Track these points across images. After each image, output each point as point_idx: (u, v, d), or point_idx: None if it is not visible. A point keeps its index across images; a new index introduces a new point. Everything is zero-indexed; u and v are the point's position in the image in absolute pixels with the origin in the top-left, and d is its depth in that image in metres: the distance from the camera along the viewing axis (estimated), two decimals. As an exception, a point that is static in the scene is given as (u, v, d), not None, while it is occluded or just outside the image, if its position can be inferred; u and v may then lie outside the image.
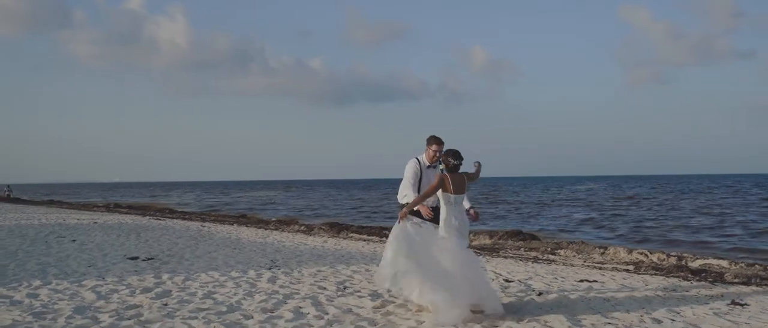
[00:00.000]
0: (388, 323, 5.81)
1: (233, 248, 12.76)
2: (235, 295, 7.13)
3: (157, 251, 11.66)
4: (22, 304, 6.35)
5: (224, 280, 8.20)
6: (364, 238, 17.04)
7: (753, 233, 20.07)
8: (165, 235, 15.41)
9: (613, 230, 21.75)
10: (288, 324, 5.68)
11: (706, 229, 21.62)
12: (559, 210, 33.44)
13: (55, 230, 15.66)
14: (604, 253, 13.00)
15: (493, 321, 5.97)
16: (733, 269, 10.76)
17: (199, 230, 17.69)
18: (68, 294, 6.94)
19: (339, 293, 7.41)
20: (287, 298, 6.99)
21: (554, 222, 25.52)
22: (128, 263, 9.83)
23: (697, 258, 12.21)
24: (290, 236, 17.13)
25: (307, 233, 18.48)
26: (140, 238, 14.31)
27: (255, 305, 6.54)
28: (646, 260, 11.92)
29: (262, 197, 57.90)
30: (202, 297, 6.94)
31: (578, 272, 10.26)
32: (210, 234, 16.38)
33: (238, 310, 6.30)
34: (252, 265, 9.85)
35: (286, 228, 20.21)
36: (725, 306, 7.06)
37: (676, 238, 18.95)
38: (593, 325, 5.87)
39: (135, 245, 12.74)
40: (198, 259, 10.53)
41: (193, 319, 5.84)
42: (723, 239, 18.49)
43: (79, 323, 5.56)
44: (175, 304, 6.52)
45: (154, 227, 18.31)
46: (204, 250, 12.09)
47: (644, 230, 21.59)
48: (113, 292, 7.13)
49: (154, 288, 7.42)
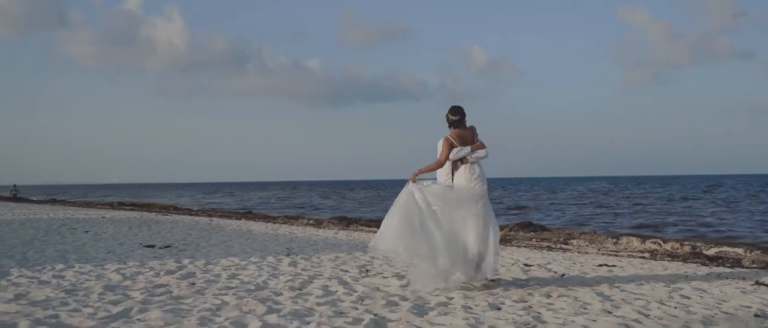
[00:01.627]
0: (419, 299, 5.80)
1: (246, 238, 12.76)
2: (260, 276, 7.12)
3: (172, 240, 11.66)
4: (50, 283, 6.34)
5: (245, 264, 8.20)
6: (374, 230, 17.02)
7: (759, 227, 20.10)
8: (176, 227, 15.41)
9: (622, 224, 21.76)
10: (319, 300, 5.68)
11: (715, 222, 21.64)
12: (566, 207, 33.45)
13: (66, 223, 15.65)
14: (618, 242, 13.01)
15: (523, 296, 5.98)
16: (749, 255, 10.78)
17: (209, 224, 17.69)
18: (94, 276, 6.93)
19: (362, 274, 7.41)
20: (312, 278, 6.99)
21: (561, 218, 25.54)
22: (145, 250, 9.82)
23: (712, 246, 12.24)
24: (300, 228, 17.13)
25: (317, 226, 18.47)
26: (152, 230, 14.31)
27: (282, 284, 6.54)
28: (660, 249, 11.93)
29: (264, 197, 57.86)
30: (227, 278, 6.94)
31: (595, 258, 10.27)
32: (220, 227, 16.37)
33: (267, 288, 6.30)
34: (269, 252, 9.84)
35: (295, 222, 20.21)
36: (750, 286, 7.07)
37: (685, 229, 18.96)
38: (623, 300, 5.88)
39: (148, 235, 12.74)
40: (214, 247, 10.53)
41: (224, 295, 5.84)
42: (734, 230, 18.51)
43: (112, 298, 5.56)
44: (201, 283, 6.52)
45: (162, 221, 18.30)
46: (218, 239, 12.09)
47: (653, 223, 21.61)
48: (137, 274, 7.13)
49: (177, 271, 7.41)
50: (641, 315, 5.17)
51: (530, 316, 5.06)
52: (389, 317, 4.96)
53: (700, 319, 5.08)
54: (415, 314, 5.09)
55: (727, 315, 5.27)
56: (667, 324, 4.85)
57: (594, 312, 5.28)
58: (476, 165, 6.46)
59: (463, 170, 6.42)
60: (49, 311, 4.95)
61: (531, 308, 5.40)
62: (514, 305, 5.55)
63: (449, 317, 5.00)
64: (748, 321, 5.03)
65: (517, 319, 4.95)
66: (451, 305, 5.47)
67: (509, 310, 5.31)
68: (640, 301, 5.84)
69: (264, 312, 5.07)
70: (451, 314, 5.12)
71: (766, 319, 5.14)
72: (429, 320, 4.91)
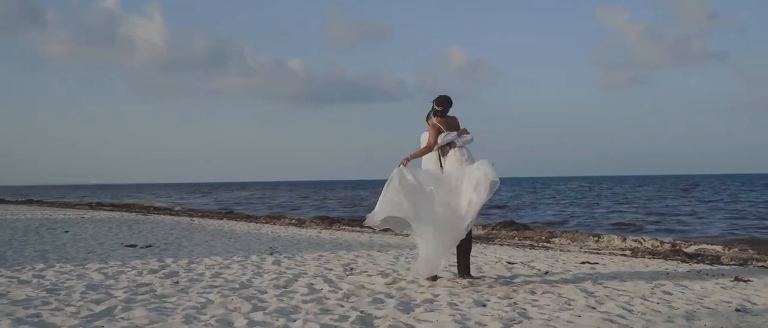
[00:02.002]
0: (404, 296, 5.81)
1: (229, 237, 12.68)
2: (244, 275, 7.08)
3: (153, 239, 11.55)
4: (30, 283, 6.25)
5: (228, 263, 8.15)
6: (357, 230, 17.03)
7: (740, 224, 20.41)
8: (157, 227, 15.28)
9: (602, 223, 21.97)
10: (305, 297, 5.66)
11: (694, 221, 21.93)
12: (547, 206, 33.69)
13: (44, 223, 15.44)
14: (599, 240, 13.13)
15: (508, 293, 6.01)
16: (728, 252, 10.94)
17: (190, 223, 17.56)
18: (75, 275, 6.84)
19: (347, 272, 7.40)
20: (297, 277, 6.96)
21: (543, 217, 25.72)
22: (127, 249, 9.72)
23: (691, 244, 12.40)
24: (283, 228, 17.06)
25: (299, 226, 18.41)
26: (133, 229, 14.17)
27: (267, 283, 6.51)
28: (641, 247, 12.06)
29: (242, 197, 57.52)
30: (211, 277, 6.89)
31: (577, 256, 10.35)
32: (201, 226, 16.26)
33: (251, 287, 6.27)
34: (252, 251, 9.79)
35: (277, 222, 20.13)
36: (729, 282, 7.17)
37: (665, 228, 19.21)
38: (607, 296, 5.94)
39: (129, 235, 12.62)
40: (197, 246, 10.46)
41: (209, 293, 5.80)
42: (712, 228, 18.79)
43: (95, 297, 5.50)
44: (185, 282, 6.46)
45: (143, 221, 18.12)
46: (200, 239, 12.01)
47: (633, 222, 21.85)
48: (120, 273, 7.05)
49: (160, 270, 7.34)
50: (625, 311, 5.22)
51: (516, 312, 5.09)
52: (375, 314, 4.96)
53: (683, 314, 5.14)
54: (401, 310, 5.10)
55: (709, 310, 5.34)
56: (650, 319, 4.90)
57: (578, 308, 5.32)
58: (464, 149, 6.57)
59: (453, 154, 6.54)
60: (31, 310, 4.88)
61: (516, 305, 5.43)
62: (499, 301, 5.58)
63: (435, 313, 5.01)
64: (729, 316, 5.10)
65: (503, 315, 4.97)
66: (436, 302, 5.49)
67: (495, 306, 5.34)
68: (624, 297, 5.90)
69: (249, 310, 5.04)
70: (437, 310, 5.13)
71: (746, 313, 5.22)
72: (415, 316, 4.92)
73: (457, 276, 6.85)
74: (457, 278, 6.80)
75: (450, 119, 6.73)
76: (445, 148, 6.57)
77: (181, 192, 78.01)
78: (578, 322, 4.77)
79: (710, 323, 4.82)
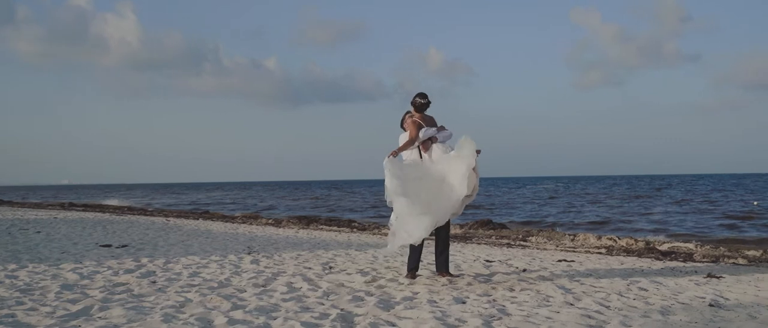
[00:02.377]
0: (384, 293, 5.82)
1: (205, 237, 12.57)
2: (222, 274, 7.03)
3: (129, 239, 11.41)
4: (3, 283, 6.13)
5: (206, 262, 8.08)
6: (334, 229, 17.00)
7: (711, 223, 20.77)
8: (132, 227, 15.08)
9: (577, 222, 22.21)
10: (284, 296, 5.64)
11: (667, 220, 22.28)
12: (522, 206, 33.96)
13: (15, 223, 15.15)
14: (575, 239, 13.27)
15: (487, 290, 6.05)
16: (700, 250, 11.13)
17: (166, 224, 17.36)
18: (49, 275, 6.72)
19: (326, 271, 7.39)
20: (276, 275, 6.93)
21: (519, 217, 25.92)
22: (102, 249, 9.59)
23: (665, 242, 12.59)
24: (260, 228, 16.97)
25: (276, 225, 18.32)
26: (107, 230, 13.97)
27: (245, 282, 6.47)
28: (616, 245, 12.22)
29: (215, 197, 57.05)
30: (189, 276, 6.83)
31: (554, 254, 10.45)
32: (177, 227, 16.09)
33: (230, 286, 6.23)
34: (229, 250, 9.73)
35: (254, 222, 19.99)
36: (702, 278, 7.31)
37: (639, 227, 19.49)
38: (584, 292, 6.01)
39: (103, 235, 12.44)
40: (173, 246, 10.35)
41: (187, 292, 5.75)
42: (684, 227, 19.10)
43: (70, 297, 5.41)
44: (163, 282, 6.40)
45: (117, 221, 17.88)
46: (176, 239, 11.89)
47: (607, 221, 22.13)
48: (95, 273, 6.95)
49: (136, 270, 7.26)
50: (602, 306, 5.29)
51: (495, 309, 5.13)
52: (356, 312, 4.96)
53: (659, 309, 5.23)
54: (381, 308, 5.10)
55: (684, 305, 5.44)
56: (627, 314, 4.98)
57: (557, 304, 5.38)
58: (446, 145, 6.61)
59: (435, 148, 6.54)
60: (5, 311, 4.79)
61: (495, 302, 5.47)
62: (478, 298, 5.62)
63: (416, 310, 5.03)
64: (703, 311, 5.20)
65: (483, 312, 5.01)
66: (416, 299, 5.50)
67: (474, 303, 5.37)
68: (600, 293, 5.98)
69: (229, 308, 5.01)
70: (417, 307, 5.15)
71: (719, 308, 5.32)
72: (396, 313, 4.93)
73: (436, 274, 6.88)
74: (436, 276, 6.83)
75: (427, 117, 6.77)
76: (427, 143, 6.59)
77: (155, 192, 77.15)
78: (557, 318, 4.82)
79: (685, 317, 4.91)
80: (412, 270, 6.75)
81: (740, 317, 4.95)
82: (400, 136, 6.78)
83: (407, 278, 6.66)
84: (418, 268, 6.83)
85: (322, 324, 4.51)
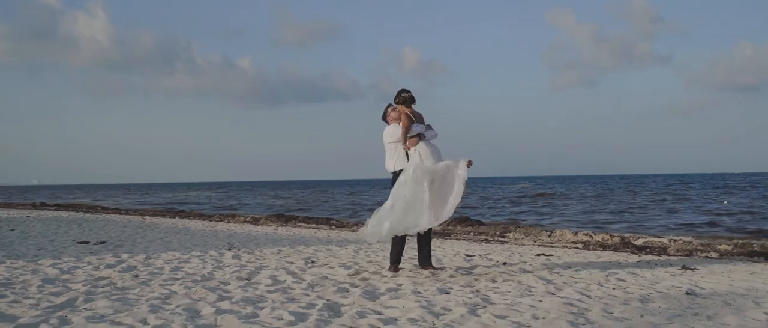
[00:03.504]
0: (368, 285, 5.87)
1: (184, 234, 12.50)
2: (205, 268, 7.02)
3: (106, 237, 11.30)
4: (-18, 277, 6.06)
5: (187, 257, 8.05)
6: (313, 226, 17.00)
7: (682, 219, 21.19)
8: (108, 225, 14.92)
9: (554, 221, 22.47)
10: (269, 288, 5.66)
11: (641, 217, 22.67)
12: (498, 204, 34.23)
13: (-12, 222, 14.89)
14: (552, 235, 13.45)
15: (470, 281, 6.14)
16: (674, 245, 11.37)
17: (142, 222, 17.20)
18: (28, 270, 6.64)
19: (309, 265, 7.41)
20: (259, 269, 6.94)
21: (497, 215, 26.13)
22: (80, 246, 9.49)
23: (640, 237, 12.83)
24: (238, 225, 16.90)
25: (254, 223, 18.25)
26: (83, 227, 13.81)
27: (229, 275, 6.47)
28: (592, 240, 12.41)
29: (191, 197, 56.52)
30: (171, 270, 6.80)
31: (532, 249, 10.60)
32: (154, 225, 15.96)
33: (214, 279, 6.22)
34: (210, 246, 9.70)
35: (232, 220, 19.90)
36: (677, 270, 7.48)
37: (613, 222, 19.81)
38: (565, 283, 6.12)
39: (80, 233, 12.30)
40: (152, 243, 10.28)
41: (171, 285, 5.74)
42: (658, 223, 19.46)
43: (53, 290, 5.36)
44: (146, 275, 6.37)
45: (93, 219, 17.67)
46: (154, 236, 11.80)
47: (582, 218, 22.44)
48: (75, 268, 6.89)
49: (117, 265, 7.20)
50: (583, 296, 5.41)
51: (479, 298, 5.21)
52: (342, 302, 5.00)
53: (638, 297, 5.36)
54: (367, 298, 5.16)
55: (662, 294, 5.58)
56: (608, 302, 5.09)
57: (539, 294, 5.48)
58: (434, 146, 6.61)
59: (421, 146, 6.52)
60: (-12, 303, 4.74)
61: (479, 292, 5.55)
62: (462, 289, 5.69)
63: (401, 300, 5.09)
64: (680, 299, 5.34)
65: (467, 301, 5.08)
66: (401, 290, 5.56)
67: (458, 293, 5.45)
68: (581, 283, 6.10)
69: (215, 299, 5.02)
70: (402, 297, 5.21)
71: (696, 296, 5.47)
72: (382, 303, 4.99)
73: (418, 267, 6.94)
74: (418, 269, 6.90)
75: (417, 113, 6.78)
76: (414, 139, 6.57)
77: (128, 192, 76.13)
78: (539, 306, 4.91)
79: (664, 304, 5.04)
80: (394, 263, 6.81)
81: (716, 304, 5.10)
82: (385, 129, 6.76)
83: (390, 271, 6.71)
84: (400, 261, 6.89)
85: (309, 313, 4.55)
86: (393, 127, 6.70)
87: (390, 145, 6.71)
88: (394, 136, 6.65)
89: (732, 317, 4.53)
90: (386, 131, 6.74)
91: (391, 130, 6.71)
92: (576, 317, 4.49)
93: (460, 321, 4.37)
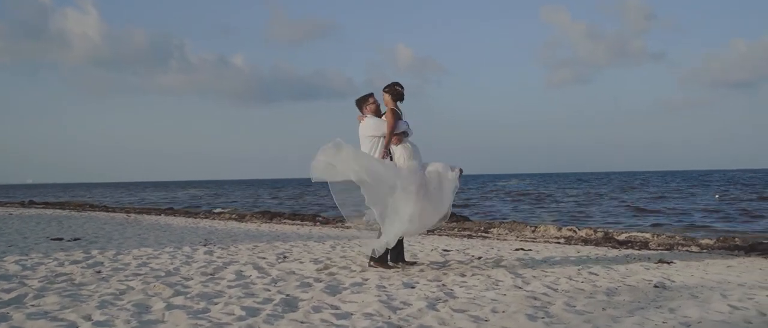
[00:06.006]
0: (334, 280, 5.75)
1: (164, 230, 12.37)
2: (172, 264, 6.89)
3: (83, 233, 11.15)
4: (-62, 274, 5.91)
5: (158, 253, 7.92)
6: (297, 223, 16.86)
7: (669, 215, 21.14)
8: (89, 222, 14.78)
9: (540, 216, 22.41)
10: (231, 283, 5.54)
11: (625, 213, 22.62)
12: (487, 201, 34.16)
13: (-33, 220, 14.72)
14: (535, 230, 13.35)
15: (438, 276, 6.03)
16: (655, 239, 11.28)
17: (126, 219, 17.06)
18: (-10, 266, 6.51)
19: (279, 260, 7.30)
20: (227, 265, 6.82)
21: (484, 211, 26.06)
22: (52, 243, 9.35)
23: (623, 232, 12.74)
24: (222, 222, 16.75)
25: (239, 220, 18.10)
26: (62, 224, 13.66)
27: (194, 271, 6.35)
28: (575, 235, 12.32)
29: (182, 196, 56.29)
30: (137, 266, 6.67)
31: (513, 244, 10.49)
32: (137, 221, 15.82)
33: (177, 274, 6.10)
34: (185, 242, 9.57)
35: (217, 217, 19.74)
36: (653, 264, 7.38)
37: (599, 219, 19.76)
38: (534, 277, 6.02)
39: (57, 229, 12.15)
40: (127, 239, 10.14)
41: (130, 281, 5.61)
42: (643, 219, 19.42)
43: (6, 287, 5.21)
44: (108, 271, 6.24)
45: (76, 217, 17.51)
46: (133, 232, 11.66)
47: (569, 214, 22.38)
48: (39, 264, 6.74)
49: (83, 261, 7.06)
50: (549, 289, 5.30)
51: (443, 293, 5.10)
52: (301, 297, 4.89)
53: (604, 290, 5.26)
54: (327, 293, 5.04)
55: (630, 287, 5.48)
56: (573, 296, 4.99)
57: (505, 287, 5.38)
58: (414, 145, 6.45)
59: (402, 146, 6.36)
60: (-67, 300, 4.60)
61: (444, 286, 5.45)
62: (428, 283, 5.59)
63: (362, 295, 4.97)
64: (647, 291, 5.24)
65: (430, 295, 4.97)
66: (365, 285, 5.45)
67: (423, 288, 5.34)
68: (550, 277, 6.00)
69: (170, 295, 4.89)
70: (364, 292, 5.09)
71: (664, 289, 5.37)
72: (341, 298, 4.87)
73: (391, 263, 6.82)
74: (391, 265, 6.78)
75: (400, 110, 6.57)
76: (398, 136, 6.36)
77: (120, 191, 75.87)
78: (502, 299, 4.81)
79: (629, 297, 4.94)
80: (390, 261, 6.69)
81: (682, 296, 5.01)
82: (366, 121, 6.49)
83: (359, 266, 6.60)
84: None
85: (263, 308, 4.43)
86: (376, 120, 6.45)
87: (369, 139, 6.41)
88: (377, 131, 6.37)
89: (694, 309, 4.43)
90: (367, 123, 6.45)
91: (373, 123, 6.43)
92: (536, 311, 4.38)
93: (417, 315, 4.26)
